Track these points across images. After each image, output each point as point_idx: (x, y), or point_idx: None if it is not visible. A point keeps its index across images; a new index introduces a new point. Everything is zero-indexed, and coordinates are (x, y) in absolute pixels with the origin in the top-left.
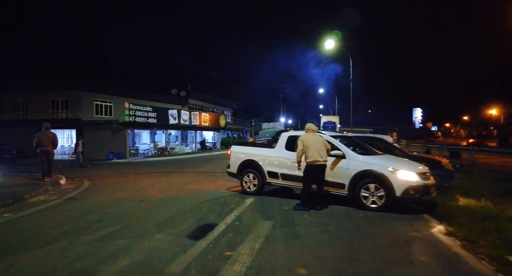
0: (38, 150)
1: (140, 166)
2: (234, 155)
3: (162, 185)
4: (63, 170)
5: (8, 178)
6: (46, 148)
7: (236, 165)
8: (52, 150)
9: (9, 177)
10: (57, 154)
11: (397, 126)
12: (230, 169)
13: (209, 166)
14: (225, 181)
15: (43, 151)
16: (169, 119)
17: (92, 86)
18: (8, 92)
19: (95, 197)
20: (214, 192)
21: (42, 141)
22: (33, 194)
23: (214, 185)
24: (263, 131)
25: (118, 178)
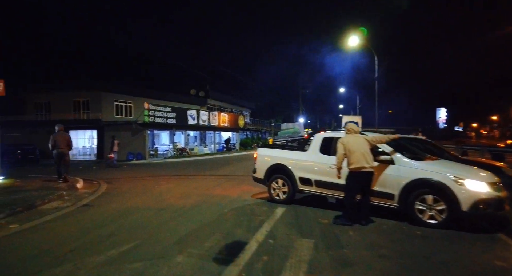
0: (54, 151)
1: (159, 167)
2: (261, 159)
3: (182, 189)
4: (84, 171)
5: (27, 180)
6: (61, 150)
7: (263, 170)
8: (67, 151)
9: (28, 179)
10: (79, 155)
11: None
12: (256, 173)
13: (230, 168)
14: (249, 186)
15: (59, 152)
16: (188, 120)
17: (112, 86)
18: (32, 94)
19: (111, 203)
20: (238, 199)
21: (57, 143)
22: (46, 200)
23: (237, 191)
24: (282, 132)
25: (137, 180)
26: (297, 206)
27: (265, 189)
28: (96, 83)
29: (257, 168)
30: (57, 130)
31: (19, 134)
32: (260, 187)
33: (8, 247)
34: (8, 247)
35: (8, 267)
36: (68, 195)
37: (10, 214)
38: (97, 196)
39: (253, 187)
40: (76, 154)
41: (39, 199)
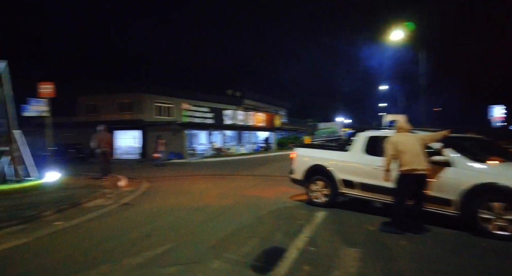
0: (97, 150)
1: (197, 166)
2: (299, 159)
3: (218, 190)
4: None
5: (76, 177)
6: (104, 149)
7: (301, 171)
8: (110, 150)
9: (77, 177)
10: (124, 154)
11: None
12: (293, 174)
13: (267, 169)
14: (286, 187)
15: (102, 151)
16: (224, 120)
17: (154, 88)
18: (82, 96)
19: (149, 202)
20: (276, 201)
21: (100, 142)
22: (90, 198)
23: (274, 192)
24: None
25: (175, 180)
26: (339, 210)
27: (304, 190)
28: (139, 86)
29: (295, 169)
30: (99, 130)
31: (71, 135)
32: (298, 188)
33: (49, 246)
34: (50, 245)
35: (45, 268)
36: (111, 193)
37: (57, 211)
38: (137, 194)
39: (291, 188)
40: (122, 153)
41: (84, 196)
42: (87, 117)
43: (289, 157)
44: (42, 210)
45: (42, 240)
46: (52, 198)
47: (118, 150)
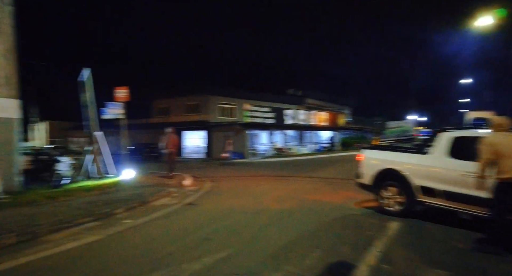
0: (164, 151)
1: (258, 167)
2: (367, 162)
3: (279, 192)
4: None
5: (147, 176)
6: (170, 149)
7: (369, 175)
8: (175, 150)
9: (148, 175)
10: (191, 153)
11: None
12: (360, 179)
13: (330, 171)
14: (351, 192)
15: (169, 152)
16: (285, 120)
17: (217, 90)
18: (156, 100)
19: (211, 203)
20: (340, 207)
21: (167, 144)
22: (157, 197)
23: (338, 197)
24: (389, 131)
25: (237, 180)
26: (416, 221)
27: (372, 196)
28: (204, 88)
29: (362, 173)
30: (167, 132)
31: (146, 135)
32: (365, 194)
33: (117, 244)
34: (117, 244)
35: (108, 269)
36: (176, 192)
37: (127, 209)
38: (200, 194)
39: (357, 193)
40: (189, 152)
41: (152, 195)
42: (159, 119)
43: (356, 159)
44: (115, 207)
45: (111, 238)
46: (124, 196)
47: (186, 150)
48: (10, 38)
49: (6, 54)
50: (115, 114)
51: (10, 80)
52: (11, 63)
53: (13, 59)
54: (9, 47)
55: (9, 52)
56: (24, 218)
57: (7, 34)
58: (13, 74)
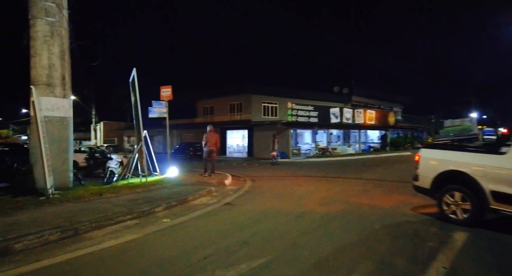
0: (204, 149)
1: (301, 167)
2: (426, 162)
3: (322, 193)
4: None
5: (189, 174)
6: (210, 147)
7: (429, 177)
8: (215, 149)
9: (190, 174)
10: (234, 152)
11: None
12: (418, 181)
13: (378, 172)
14: (405, 195)
15: (209, 149)
16: (330, 118)
17: (260, 89)
18: (201, 100)
19: (251, 204)
20: (392, 213)
21: (207, 141)
22: (197, 195)
23: (390, 201)
24: (446, 130)
25: (278, 180)
26: (487, 232)
27: (430, 200)
28: (247, 87)
29: (421, 174)
30: (208, 130)
31: (192, 134)
32: (422, 198)
33: (154, 244)
34: (154, 244)
35: (143, 271)
36: (216, 191)
37: (166, 208)
38: (240, 194)
39: (412, 197)
40: (232, 151)
41: (192, 194)
42: (204, 119)
43: (414, 160)
44: (155, 205)
45: (149, 237)
46: (165, 194)
47: (229, 149)
48: (65, 40)
49: (62, 55)
50: (160, 113)
51: (65, 81)
52: (65, 65)
53: (68, 60)
54: (64, 49)
55: (64, 53)
56: (69, 214)
57: (62, 37)
58: (67, 75)
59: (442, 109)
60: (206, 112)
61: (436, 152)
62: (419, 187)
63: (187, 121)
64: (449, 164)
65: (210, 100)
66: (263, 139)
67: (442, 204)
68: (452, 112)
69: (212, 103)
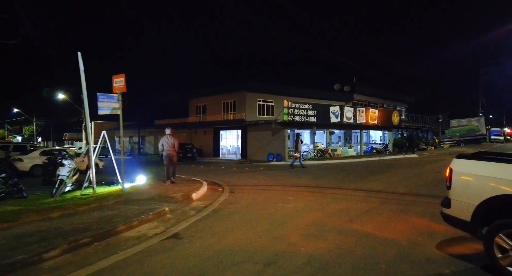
0: (163, 153)
1: (294, 172)
2: (463, 182)
3: (312, 215)
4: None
5: (158, 182)
6: (168, 152)
7: (469, 205)
8: (175, 153)
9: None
10: (227, 154)
11: None
12: (451, 209)
13: (384, 180)
14: (421, 218)
15: (167, 154)
16: (330, 118)
17: (256, 86)
18: (193, 99)
19: (209, 235)
20: (411, 254)
21: (164, 145)
22: (135, 222)
23: (404, 228)
24: (452, 130)
25: (261, 192)
26: None
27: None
28: (241, 84)
29: (455, 199)
30: (166, 134)
31: (184, 135)
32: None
33: None
34: None
35: None
36: (172, 211)
37: (67, 250)
38: (203, 216)
39: (433, 222)
40: (226, 153)
41: (131, 219)
42: (196, 118)
43: (445, 176)
44: (52, 245)
45: None
46: (90, 220)
47: (222, 150)
48: None
49: None
50: (111, 108)
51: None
52: None
53: None
54: None
55: None
56: None
57: None
58: None
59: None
60: (199, 111)
61: (481, 165)
62: (452, 218)
63: (178, 121)
64: (502, 184)
65: (203, 99)
66: (258, 140)
67: (492, 249)
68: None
69: (205, 102)
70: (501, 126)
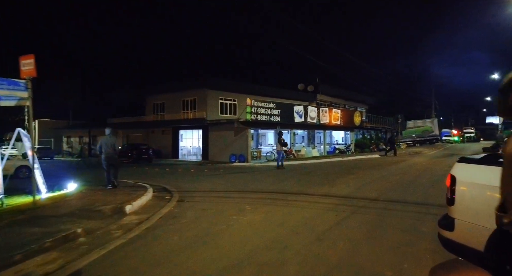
0: (102, 155)
1: (257, 174)
2: (471, 195)
3: (271, 232)
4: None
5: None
6: (108, 154)
7: (483, 228)
8: (115, 155)
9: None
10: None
11: None
12: (456, 233)
13: (352, 182)
14: (406, 234)
15: (107, 156)
16: (294, 117)
17: (217, 83)
18: (151, 96)
19: (125, 274)
20: None
21: (103, 146)
22: (19, 256)
23: (387, 251)
24: (408, 131)
25: (216, 200)
26: None
27: None
28: (202, 81)
29: (462, 219)
30: (106, 134)
31: (140, 134)
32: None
33: None
34: None
35: None
36: (89, 234)
37: None
38: (128, 239)
39: (417, 239)
40: (186, 153)
41: (15, 250)
42: (154, 117)
43: (446, 185)
44: None
45: None
46: None
47: (182, 151)
48: None
49: None
50: (15, 98)
51: None
52: None
53: None
54: None
55: None
56: None
57: None
58: None
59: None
60: (157, 110)
61: (495, 172)
62: (456, 244)
63: (134, 120)
64: None
65: (161, 96)
66: (220, 140)
67: None
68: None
69: (163, 99)
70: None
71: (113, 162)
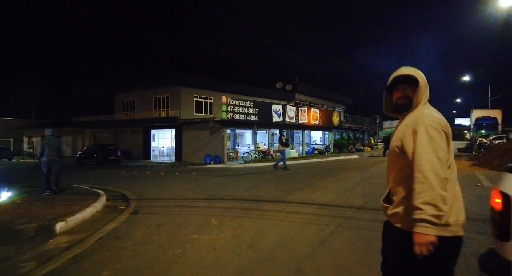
0: (43, 159)
1: (232, 177)
2: None
3: (238, 259)
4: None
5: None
6: (51, 157)
7: None
8: (58, 159)
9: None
10: (159, 156)
11: None
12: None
13: (333, 187)
14: None
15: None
16: (272, 117)
17: (192, 80)
18: (120, 93)
19: None
20: None
21: (45, 149)
22: None
23: None
24: (385, 132)
25: (179, 210)
26: None
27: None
28: (176, 78)
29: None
30: (47, 135)
31: (108, 134)
32: None
33: None
34: None
35: None
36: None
37: None
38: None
39: None
40: (158, 154)
41: None
42: (124, 115)
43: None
44: None
45: None
46: None
47: (154, 152)
48: None
49: None
50: None
51: None
52: None
53: None
54: None
55: None
56: None
57: None
58: None
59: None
60: (127, 108)
61: None
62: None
63: (102, 118)
64: None
65: (132, 94)
66: (195, 140)
67: None
68: None
69: (134, 97)
70: None
71: (55, 166)
